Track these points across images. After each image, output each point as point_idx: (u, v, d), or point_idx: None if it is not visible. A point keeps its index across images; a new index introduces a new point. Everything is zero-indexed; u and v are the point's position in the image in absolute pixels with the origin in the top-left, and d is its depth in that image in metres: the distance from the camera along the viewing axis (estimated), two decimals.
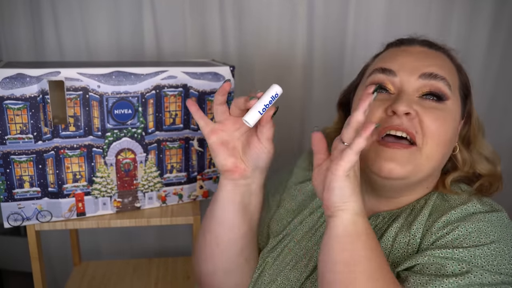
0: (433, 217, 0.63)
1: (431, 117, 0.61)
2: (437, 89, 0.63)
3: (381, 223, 0.67)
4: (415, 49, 0.68)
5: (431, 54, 0.67)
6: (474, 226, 0.58)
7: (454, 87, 0.65)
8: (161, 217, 0.85)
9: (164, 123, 0.84)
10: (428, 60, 0.65)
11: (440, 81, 0.63)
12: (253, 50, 1.20)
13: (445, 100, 0.63)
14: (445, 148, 0.64)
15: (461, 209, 0.61)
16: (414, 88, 0.63)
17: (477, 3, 1.16)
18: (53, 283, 1.41)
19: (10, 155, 0.74)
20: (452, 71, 0.67)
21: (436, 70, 0.63)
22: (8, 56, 1.18)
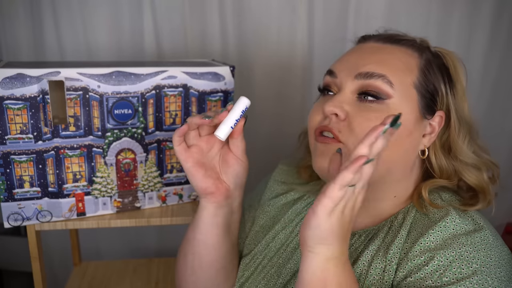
0: (411, 237, 0.59)
1: (361, 119, 0.58)
2: (374, 88, 0.59)
3: (357, 242, 0.64)
4: (366, 45, 0.65)
5: (381, 49, 0.63)
6: (454, 253, 0.54)
7: (403, 83, 0.60)
8: (161, 217, 0.86)
9: (164, 123, 0.84)
10: (369, 58, 0.62)
11: (377, 79, 0.59)
12: (253, 50, 1.20)
13: (385, 99, 0.59)
14: (393, 150, 0.59)
15: (439, 229, 0.57)
16: (352, 89, 0.61)
17: (477, 3, 1.16)
18: (53, 283, 1.41)
19: (10, 155, 0.74)
20: (408, 66, 0.62)
21: (373, 68, 0.60)
22: (8, 56, 1.18)
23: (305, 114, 1.26)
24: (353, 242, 0.64)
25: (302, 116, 1.27)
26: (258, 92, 1.24)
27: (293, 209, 0.76)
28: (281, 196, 0.79)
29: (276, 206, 0.79)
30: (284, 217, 0.76)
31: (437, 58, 0.65)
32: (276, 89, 1.24)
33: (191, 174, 0.65)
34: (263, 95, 1.24)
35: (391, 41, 0.64)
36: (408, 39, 0.65)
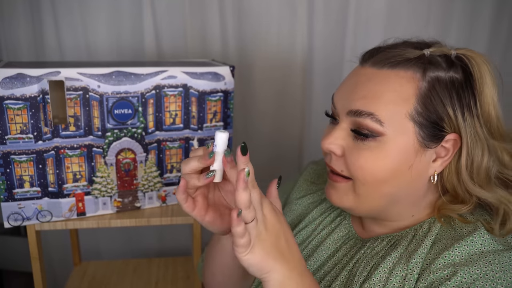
0: (436, 248, 0.57)
1: (355, 159, 0.58)
2: (364, 126, 0.57)
3: (378, 246, 0.63)
4: (362, 71, 0.60)
5: (374, 79, 0.58)
6: (480, 271, 0.52)
7: (397, 117, 0.56)
8: (161, 217, 0.86)
9: (164, 123, 0.84)
10: (360, 91, 0.58)
11: (366, 118, 0.56)
12: (253, 50, 1.20)
13: (376, 137, 0.56)
14: (389, 185, 0.58)
15: (466, 244, 0.55)
16: (346, 123, 0.60)
17: (477, 3, 1.16)
18: (53, 283, 1.41)
19: (10, 155, 0.74)
20: (401, 97, 0.57)
21: (362, 106, 0.57)
22: (8, 56, 1.18)
23: (305, 114, 1.27)
24: (376, 245, 0.63)
25: (302, 116, 1.27)
26: (258, 92, 1.24)
27: (318, 208, 0.76)
28: (308, 195, 0.79)
29: (303, 205, 0.79)
30: (309, 216, 0.76)
31: (452, 69, 0.58)
32: (276, 89, 1.25)
33: (210, 224, 0.62)
34: (263, 95, 1.25)
35: (389, 64, 0.58)
36: (409, 58, 0.58)
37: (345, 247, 0.68)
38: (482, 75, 0.58)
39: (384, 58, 0.59)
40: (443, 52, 0.59)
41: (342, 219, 0.72)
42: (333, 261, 0.67)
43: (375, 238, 0.65)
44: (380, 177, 0.58)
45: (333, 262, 0.67)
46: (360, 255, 0.64)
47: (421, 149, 0.58)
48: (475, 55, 0.59)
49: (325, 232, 0.72)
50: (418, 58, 0.58)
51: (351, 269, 0.63)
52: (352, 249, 0.67)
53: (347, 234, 0.70)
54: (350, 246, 0.68)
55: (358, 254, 0.65)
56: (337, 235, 0.70)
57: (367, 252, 0.64)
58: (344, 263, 0.66)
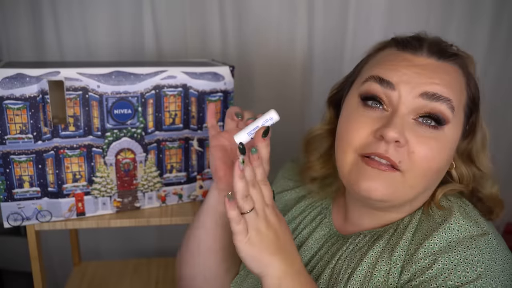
0: (416, 239, 0.58)
1: (422, 148, 0.56)
2: (438, 112, 0.56)
3: (361, 242, 0.63)
4: (420, 60, 0.58)
5: (440, 68, 0.58)
6: (459, 257, 0.54)
7: (459, 107, 0.58)
8: (161, 217, 0.86)
9: (164, 123, 0.84)
10: (434, 76, 0.57)
11: (443, 103, 0.56)
12: (253, 50, 1.20)
13: (444, 125, 0.56)
14: (433, 176, 0.59)
15: (443, 231, 0.56)
16: (411, 107, 0.56)
17: (477, 4, 1.16)
18: (53, 283, 1.41)
19: (10, 155, 0.74)
20: (460, 87, 0.59)
21: (441, 90, 0.56)
22: (8, 56, 1.18)
23: (304, 114, 1.26)
24: (358, 241, 0.64)
25: (301, 116, 1.27)
26: (258, 92, 1.24)
27: (297, 207, 0.76)
28: (286, 192, 0.80)
29: (281, 202, 0.79)
30: (288, 214, 0.76)
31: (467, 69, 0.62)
32: (276, 89, 1.24)
33: (211, 153, 0.68)
34: (263, 95, 1.24)
35: (443, 56, 0.59)
36: (455, 53, 0.61)
37: (327, 245, 0.68)
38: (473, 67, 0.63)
39: (438, 49, 0.60)
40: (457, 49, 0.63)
41: (323, 217, 0.72)
42: (316, 259, 0.68)
43: (357, 234, 0.65)
44: (437, 168, 0.58)
45: (315, 260, 0.68)
46: (342, 251, 0.64)
47: (458, 140, 0.61)
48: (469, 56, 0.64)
49: (306, 231, 0.72)
50: (457, 55, 0.61)
51: (333, 267, 0.63)
52: (333, 246, 0.67)
53: (328, 232, 0.70)
54: (332, 244, 0.68)
55: (340, 251, 0.65)
56: (319, 234, 0.70)
57: (350, 248, 0.64)
58: (326, 261, 0.66)
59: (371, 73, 0.60)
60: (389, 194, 0.57)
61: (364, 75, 0.62)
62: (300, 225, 0.74)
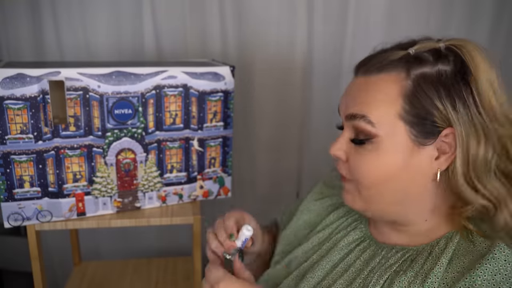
0: (454, 267, 0.55)
1: (356, 163, 0.60)
2: (360, 129, 0.59)
3: (393, 258, 0.62)
4: (355, 81, 0.63)
5: (365, 85, 0.60)
6: None
7: (388, 118, 0.57)
8: (161, 217, 0.86)
9: (164, 123, 0.84)
10: (354, 98, 0.61)
11: (360, 121, 0.59)
12: (253, 50, 1.20)
13: (371, 139, 0.58)
14: (392, 184, 0.58)
15: (487, 262, 0.52)
16: (348, 129, 0.62)
17: (477, 4, 1.16)
18: (53, 283, 1.41)
19: (11, 155, 0.74)
20: (389, 98, 0.57)
21: (355, 109, 0.59)
22: (9, 56, 1.18)
23: (304, 114, 1.27)
24: (389, 256, 0.63)
25: (301, 116, 1.27)
26: (257, 92, 1.24)
27: (336, 212, 0.76)
28: (327, 198, 0.80)
29: (323, 206, 0.80)
30: (326, 219, 0.76)
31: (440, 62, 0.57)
32: (275, 89, 1.25)
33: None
34: (262, 95, 1.25)
35: (375, 70, 0.59)
36: (393, 60, 0.58)
37: (359, 248, 0.68)
38: (475, 62, 0.57)
39: (371, 65, 0.61)
40: (431, 46, 0.59)
41: (359, 223, 0.72)
42: (346, 263, 0.67)
43: (390, 247, 0.64)
44: (379, 179, 0.59)
45: (345, 264, 0.67)
46: (375, 263, 0.63)
47: (416, 147, 0.57)
48: (465, 43, 0.58)
49: (341, 235, 0.72)
50: (402, 58, 0.58)
51: (365, 278, 0.62)
52: (366, 252, 0.66)
53: (363, 236, 0.70)
54: (364, 248, 0.67)
55: (372, 262, 0.64)
56: (352, 237, 0.70)
57: (382, 262, 0.63)
58: (357, 269, 0.65)
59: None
60: (356, 204, 0.63)
61: None
62: (336, 229, 0.74)
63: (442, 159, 0.58)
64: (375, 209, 0.62)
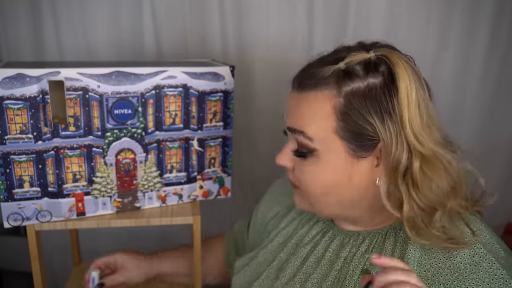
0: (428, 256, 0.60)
1: (300, 174, 0.65)
2: (300, 143, 0.63)
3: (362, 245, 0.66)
4: (292, 95, 0.66)
5: (300, 101, 0.62)
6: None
7: (324, 134, 0.59)
8: (161, 217, 0.85)
9: (164, 123, 0.84)
10: (292, 112, 0.64)
11: (299, 136, 0.62)
12: (253, 50, 1.20)
13: (311, 152, 0.61)
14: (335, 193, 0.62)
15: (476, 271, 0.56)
16: (292, 139, 0.65)
17: (477, 5, 1.16)
18: (53, 283, 1.41)
19: (10, 155, 0.74)
20: (323, 115, 0.58)
21: (294, 124, 0.63)
22: (8, 56, 1.18)
23: None
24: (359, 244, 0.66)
25: None
26: (257, 92, 1.24)
27: (297, 209, 0.79)
28: (288, 196, 0.82)
29: (285, 206, 0.83)
30: (288, 216, 0.79)
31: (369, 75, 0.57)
32: (275, 89, 1.24)
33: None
34: (262, 95, 1.24)
35: (308, 87, 0.60)
36: (324, 77, 0.58)
37: (324, 239, 0.71)
38: (398, 73, 0.57)
39: (304, 80, 0.62)
40: (362, 58, 0.58)
41: (319, 217, 0.76)
42: (315, 255, 0.70)
43: (357, 233, 0.67)
44: (321, 189, 0.62)
45: (314, 257, 0.70)
46: (346, 253, 0.66)
47: (355, 160, 0.59)
48: (391, 53, 0.58)
49: (304, 230, 0.75)
50: (333, 74, 0.58)
51: (340, 269, 0.65)
52: (334, 242, 0.70)
53: (326, 227, 0.73)
54: (330, 238, 0.71)
55: (343, 251, 0.67)
56: (316, 230, 0.74)
57: (353, 251, 0.66)
58: (329, 260, 0.68)
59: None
60: (304, 206, 0.67)
61: None
62: (299, 224, 0.77)
63: (381, 167, 0.60)
64: (323, 213, 0.67)
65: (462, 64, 1.20)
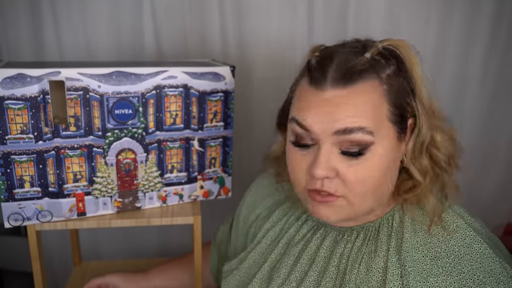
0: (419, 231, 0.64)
1: (352, 175, 0.59)
2: (355, 142, 0.58)
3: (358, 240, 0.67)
4: (326, 94, 0.59)
5: (347, 97, 0.58)
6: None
7: (381, 121, 0.60)
8: (161, 217, 0.85)
9: (165, 123, 0.84)
10: (342, 110, 0.58)
11: (357, 133, 0.58)
12: (253, 50, 1.20)
13: (367, 148, 0.59)
14: (377, 189, 0.62)
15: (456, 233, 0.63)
16: (332, 143, 0.59)
17: (477, 3, 1.16)
18: (53, 283, 1.41)
19: (11, 155, 0.74)
20: (377, 103, 0.59)
21: (352, 123, 0.58)
22: (9, 56, 1.18)
23: None
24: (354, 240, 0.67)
25: None
26: (258, 92, 1.24)
27: (280, 209, 0.79)
28: (268, 197, 0.84)
29: (266, 207, 0.83)
30: (272, 216, 0.79)
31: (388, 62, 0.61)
32: (276, 89, 1.24)
33: None
34: (263, 95, 1.24)
35: (348, 81, 0.59)
36: (360, 70, 0.59)
37: (316, 236, 0.71)
38: (410, 58, 0.62)
39: (339, 78, 0.59)
40: (376, 50, 0.62)
41: (308, 214, 0.75)
42: (307, 253, 0.70)
43: (350, 229, 0.68)
44: (377, 182, 0.61)
45: (308, 254, 0.70)
46: (342, 249, 0.67)
47: (399, 143, 0.63)
48: (398, 42, 0.63)
49: (293, 230, 0.75)
50: (369, 65, 0.60)
51: (337, 265, 0.66)
52: (327, 238, 0.70)
53: (316, 224, 0.73)
54: (322, 235, 0.71)
55: (338, 247, 0.68)
56: (306, 229, 0.74)
57: (349, 247, 0.67)
58: (324, 257, 0.69)
59: (292, 114, 0.64)
60: (342, 216, 0.63)
61: (291, 110, 0.65)
62: (286, 224, 0.76)
63: (403, 146, 0.64)
64: (360, 212, 0.64)
65: (462, 64, 1.20)
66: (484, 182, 1.30)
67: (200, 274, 0.88)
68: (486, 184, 1.31)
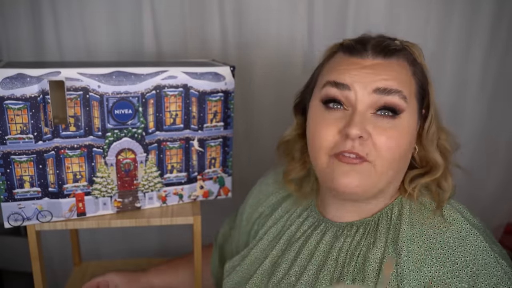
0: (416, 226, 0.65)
1: (383, 138, 0.62)
2: (392, 104, 0.62)
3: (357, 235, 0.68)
4: (367, 62, 0.65)
5: (386, 65, 0.65)
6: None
7: (410, 96, 0.65)
8: (161, 217, 0.85)
9: (165, 123, 0.84)
10: (382, 73, 0.63)
11: (395, 95, 0.62)
12: (253, 50, 1.20)
13: (400, 114, 0.63)
14: (399, 162, 0.65)
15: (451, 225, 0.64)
16: (368, 103, 0.63)
17: (477, 3, 1.16)
18: (53, 283, 1.41)
19: (11, 155, 0.74)
20: (408, 78, 0.65)
21: (391, 84, 0.62)
22: (9, 56, 1.18)
23: None
24: (353, 234, 0.68)
25: None
26: (258, 92, 1.24)
27: (283, 206, 0.80)
28: (271, 196, 0.85)
29: (269, 205, 0.84)
30: (275, 214, 0.80)
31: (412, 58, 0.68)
32: (276, 89, 1.24)
33: None
34: (263, 95, 1.25)
35: (387, 54, 0.65)
36: (396, 49, 0.66)
37: (316, 232, 0.72)
38: (415, 51, 0.69)
39: (381, 49, 0.66)
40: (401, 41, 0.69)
41: (309, 211, 0.76)
42: (308, 248, 0.71)
43: (350, 224, 0.69)
44: (401, 152, 0.64)
45: (308, 249, 0.71)
46: (341, 243, 0.68)
47: (416, 125, 0.67)
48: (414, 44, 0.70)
49: (294, 227, 0.76)
50: (399, 47, 0.67)
51: (336, 259, 0.66)
52: (327, 234, 0.71)
53: (317, 220, 0.74)
54: (322, 231, 0.72)
55: (338, 242, 0.69)
56: (307, 225, 0.75)
57: (348, 241, 0.68)
58: (323, 251, 0.70)
59: (327, 79, 0.66)
60: (363, 185, 0.63)
61: (321, 81, 0.68)
62: (288, 221, 0.78)
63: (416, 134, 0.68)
64: (376, 186, 0.65)
65: (461, 64, 1.20)
66: (484, 182, 1.30)
67: (200, 274, 0.88)
68: (486, 184, 1.31)
